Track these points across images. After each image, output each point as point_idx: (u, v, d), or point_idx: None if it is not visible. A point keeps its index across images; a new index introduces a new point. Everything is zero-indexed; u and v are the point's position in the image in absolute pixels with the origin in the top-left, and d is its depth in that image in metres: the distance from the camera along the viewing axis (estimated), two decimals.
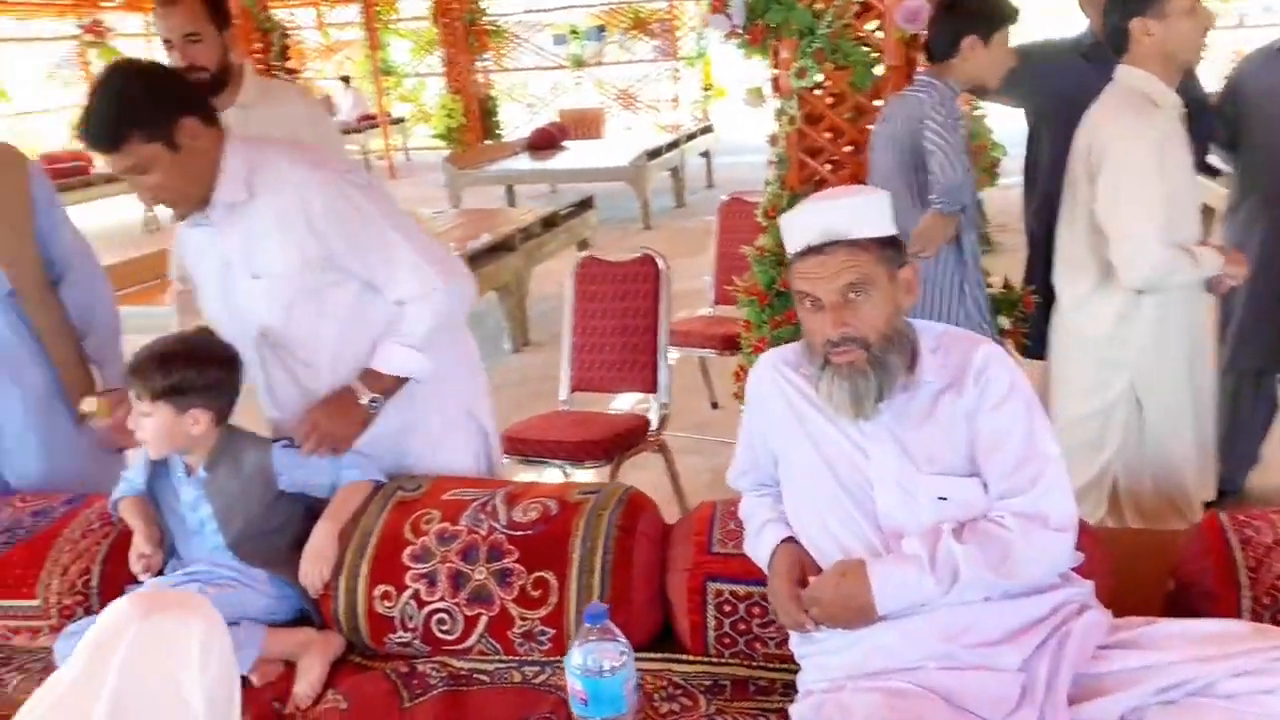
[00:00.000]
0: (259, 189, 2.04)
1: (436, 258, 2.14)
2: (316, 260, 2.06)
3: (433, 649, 1.98)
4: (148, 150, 1.93)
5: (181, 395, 1.99)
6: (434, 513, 2.05)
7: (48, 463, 2.48)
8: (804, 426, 1.72)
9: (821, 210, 1.62)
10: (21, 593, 2.10)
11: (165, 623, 1.24)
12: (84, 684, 1.18)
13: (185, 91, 2.04)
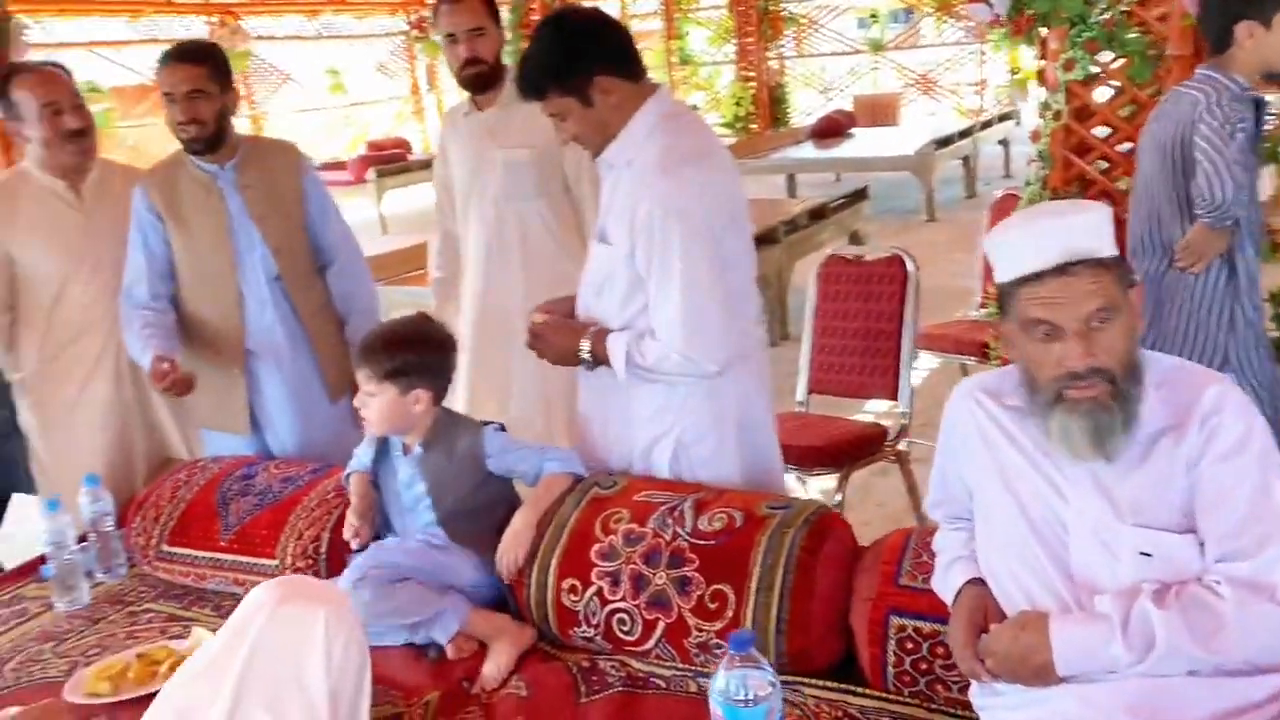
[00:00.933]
0: (637, 163, 2.08)
1: (699, 326, 2.03)
2: (628, 254, 2.09)
3: (614, 647, 2.01)
4: (564, 103, 2.05)
5: (405, 376, 2.13)
6: (624, 512, 2.07)
7: (302, 435, 2.73)
8: (998, 461, 1.58)
9: (1057, 227, 1.44)
10: (265, 552, 2.34)
11: (294, 611, 1.33)
12: (220, 661, 1.29)
13: (604, 48, 2.07)
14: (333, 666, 1.31)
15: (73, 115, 2.71)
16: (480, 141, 2.94)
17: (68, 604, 2.37)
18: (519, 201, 2.91)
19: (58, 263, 2.74)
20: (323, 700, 1.28)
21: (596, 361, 2.16)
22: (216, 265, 2.67)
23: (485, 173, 2.93)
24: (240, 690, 1.25)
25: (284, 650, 1.29)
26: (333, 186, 11.27)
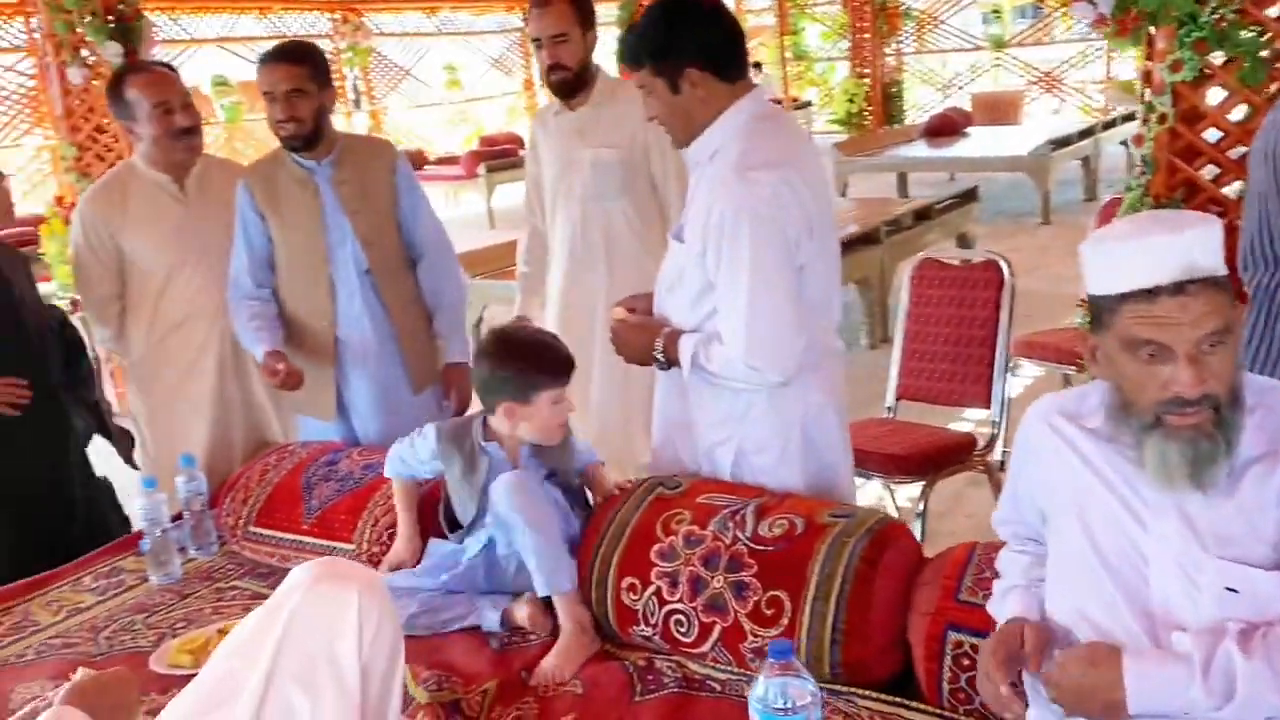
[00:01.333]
0: (716, 163, 2.07)
1: (765, 335, 2.00)
2: (700, 254, 2.07)
3: (672, 648, 2.01)
4: (653, 82, 2.07)
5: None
6: (686, 513, 2.08)
7: (385, 424, 2.82)
8: (1074, 486, 1.48)
9: (1175, 243, 1.32)
10: (343, 536, 2.42)
11: (328, 589, 1.37)
12: (257, 636, 1.35)
13: (702, 43, 2.04)
14: (364, 644, 1.35)
15: (183, 114, 2.85)
16: (569, 140, 2.99)
17: (161, 578, 2.50)
18: (604, 200, 2.95)
19: (164, 254, 2.89)
20: (354, 677, 1.33)
21: (669, 362, 2.17)
22: (310, 258, 2.77)
23: (573, 172, 2.98)
24: (275, 664, 1.31)
25: (317, 627, 1.34)
26: (445, 181, 11.59)
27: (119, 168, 3.07)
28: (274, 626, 1.33)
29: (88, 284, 2.93)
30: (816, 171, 2.14)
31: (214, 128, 11.69)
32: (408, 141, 13.84)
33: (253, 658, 1.32)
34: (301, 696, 1.30)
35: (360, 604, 1.36)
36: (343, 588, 1.37)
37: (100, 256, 2.89)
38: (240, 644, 1.36)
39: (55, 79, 5.24)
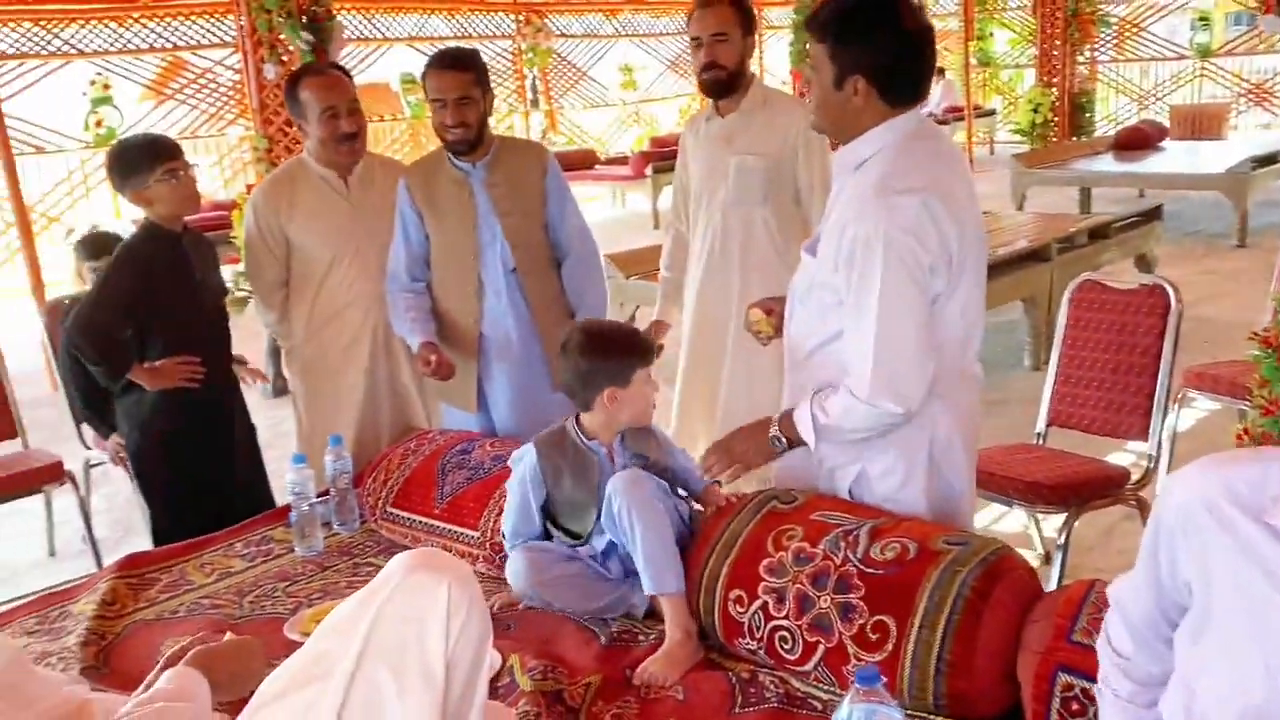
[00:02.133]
0: (858, 178, 2.04)
1: (890, 362, 1.94)
2: (833, 270, 2.03)
3: (776, 663, 2.00)
4: (822, 61, 2.01)
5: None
6: (798, 530, 2.06)
7: (521, 417, 2.91)
8: (1249, 609, 1.15)
9: None
10: (469, 523, 2.51)
11: (420, 579, 1.41)
12: (353, 618, 1.40)
13: (876, 60, 1.97)
14: (451, 635, 1.38)
15: (348, 120, 3.00)
16: (716, 146, 3.01)
17: (304, 550, 2.65)
18: (745, 207, 2.97)
19: (326, 246, 3.06)
20: (439, 666, 1.37)
21: (789, 443, 2.13)
22: (461, 256, 2.89)
23: (717, 177, 3.00)
24: (366, 647, 1.36)
25: (408, 615, 1.38)
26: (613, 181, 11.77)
27: (290, 162, 3.27)
28: (368, 611, 1.39)
29: (257, 270, 3.15)
30: (965, 198, 2.04)
31: (400, 123, 12.27)
32: (580, 141, 14.14)
33: (347, 639, 1.38)
34: (389, 679, 1.36)
35: (450, 595, 1.40)
36: (435, 579, 1.41)
37: (269, 244, 3.09)
38: (337, 625, 1.42)
39: (253, 74, 5.62)
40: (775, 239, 2.97)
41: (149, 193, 2.82)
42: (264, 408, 5.27)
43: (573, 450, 2.26)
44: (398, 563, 1.46)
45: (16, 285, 9.10)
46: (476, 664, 1.43)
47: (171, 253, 2.88)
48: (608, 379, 2.21)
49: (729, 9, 2.88)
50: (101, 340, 2.82)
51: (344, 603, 1.47)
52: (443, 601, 1.38)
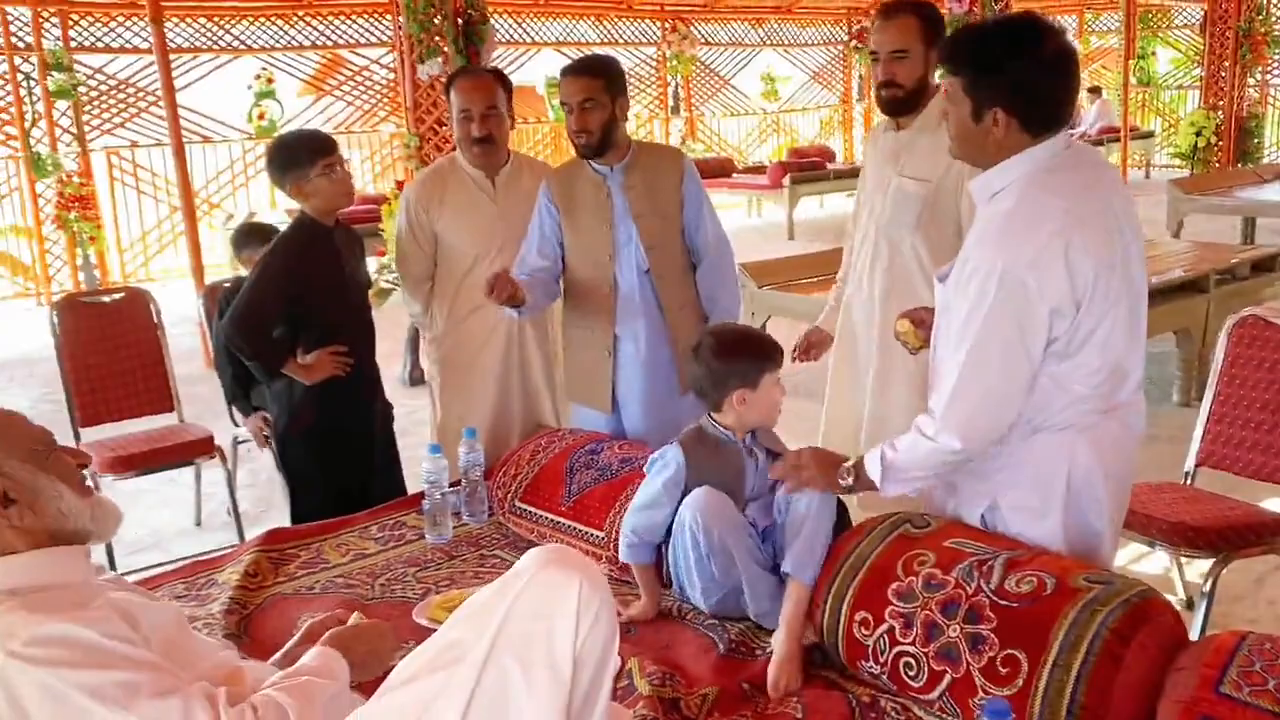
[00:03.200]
0: (992, 210, 1.96)
1: (964, 404, 1.92)
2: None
3: (899, 689, 1.96)
4: (959, 95, 1.95)
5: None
6: (929, 555, 2.01)
7: (650, 420, 2.94)
8: None
9: None
10: (595, 523, 2.54)
11: (553, 575, 1.43)
12: (487, 608, 1.43)
13: (1026, 91, 1.90)
14: (580, 633, 1.40)
15: (479, 124, 3.06)
16: (884, 162, 2.86)
17: (435, 537, 2.73)
18: (897, 230, 2.81)
19: (472, 243, 3.15)
20: (566, 664, 1.39)
21: (859, 484, 2.12)
22: (597, 256, 2.93)
23: (879, 194, 2.86)
24: (498, 638, 1.39)
25: (539, 610, 1.41)
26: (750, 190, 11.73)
27: (443, 160, 3.37)
28: (502, 603, 1.42)
29: (405, 263, 3.25)
30: (1112, 230, 1.94)
31: (543, 125, 12.51)
32: (719, 149, 14.15)
33: (479, 628, 1.41)
34: (518, 672, 1.38)
35: (582, 594, 1.42)
36: (567, 576, 1.43)
37: (418, 239, 3.19)
38: (470, 615, 1.45)
39: (407, 74, 5.81)
40: (925, 268, 2.74)
41: (307, 187, 2.94)
42: (400, 396, 5.44)
43: (714, 443, 2.30)
44: (532, 557, 1.49)
45: (179, 266, 9.65)
46: (603, 663, 1.45)
47: (323, 246, 3.00)
48: (738, 381, 2.25)
49: (913, 22, 2.67)
50: (256, 337, 2.95)
51: (478, 593, 1.51)
52: (574, 599, 1.41)
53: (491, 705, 1.38)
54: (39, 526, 1.45)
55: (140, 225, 10.14)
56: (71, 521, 1.49)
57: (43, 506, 1.46)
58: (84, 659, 1.32)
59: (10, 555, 1.43)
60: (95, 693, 1.30)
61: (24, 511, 1.44)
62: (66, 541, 1.50)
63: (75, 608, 1.38)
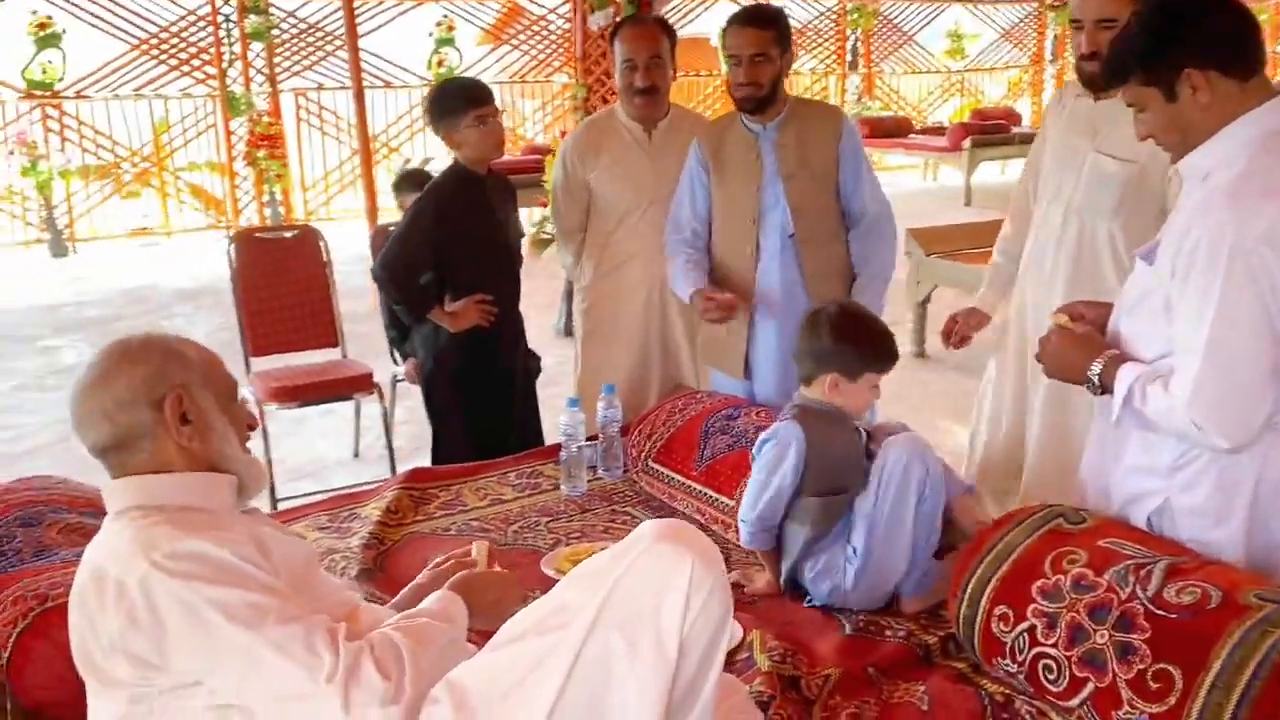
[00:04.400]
0: (1210, 182, 1.79)
1: (1218, 391, 1.71)
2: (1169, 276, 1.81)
3: (1036, 691, 1.84)
4: (1145, 93, 1.81)
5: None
6: (1082, 554, 1.87)
7: (783, 387, 2.85)
8: None
9: None
10: (725, 490, 2.48)
11: (667, 549, 1.38)
12: (599, 574, 1.40)
13: (1203, 37, 1.75)
14: (689, 614, 1.35)
15: (643, 75, 3.00)
16: (1076, 133, 2.57)
17: (569, 489, 2.73)
18: (1092, 215, 2.53)
19: (623, 196, 3.11)
20: (673, 643, 1.34)
21: (1103, 388, 1.91)
22: (742, 218, 2.84)
23: (1068, 170, 2.57)
24: (605, 606, 1.35)
25: (649, 583, 1.36)
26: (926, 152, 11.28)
27: (602, 111, 3.34)
28: (613, 571, 1.38)
29: (559, 213, 3.25)
30: None
31: (714, 78, 12.34)
32: (897, 107, 13.67)
33: (589, 595, 1.37)
34: (622, 645, 1.34)
35: (694, 574, 1.36)
36: (680, 554, 1.37)
37: (572, 190, 3.18)
38: (582, 578, 1.42)
39: (579, 24, 5.81)
40: (1120, 259, 2.49)
41: (459, 136, 2.96)
42: (553, 345, 5.51)
43: (824, 412, 2.20)
44: (648, 528, 1.44)
45: (356, 207, 10.04)
46: (714, 644, 1.39)
47: (474, 194, 3.02)
48: (840, 366, 2.16)
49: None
50: (404, 281, 3.01)
51: (594, 557, 1.47)
52: (685, 578, 1.35)
53: (593, 675, 1.35)
54: (201, 454, 1.50)
55: (323, 165, 10.58)
56: (227, 465, 1.53)
57: (210, 440, 1.50)
58: (218, 576, 1.36)
59: (166, 473, 1.47)
60: (226, 610, 1.34)
61: (194, 436, 1.48)
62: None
63: (215, 529, 1.42)
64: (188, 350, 1.52)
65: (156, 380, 1.46)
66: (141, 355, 1.48)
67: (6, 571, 1.83)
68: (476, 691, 1.38)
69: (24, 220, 9.43)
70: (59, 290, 8.04)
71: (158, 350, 1.49)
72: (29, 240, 9.38)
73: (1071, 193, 2.56)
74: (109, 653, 1.35)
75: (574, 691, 1.34)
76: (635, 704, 1.34)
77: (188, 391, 1.48)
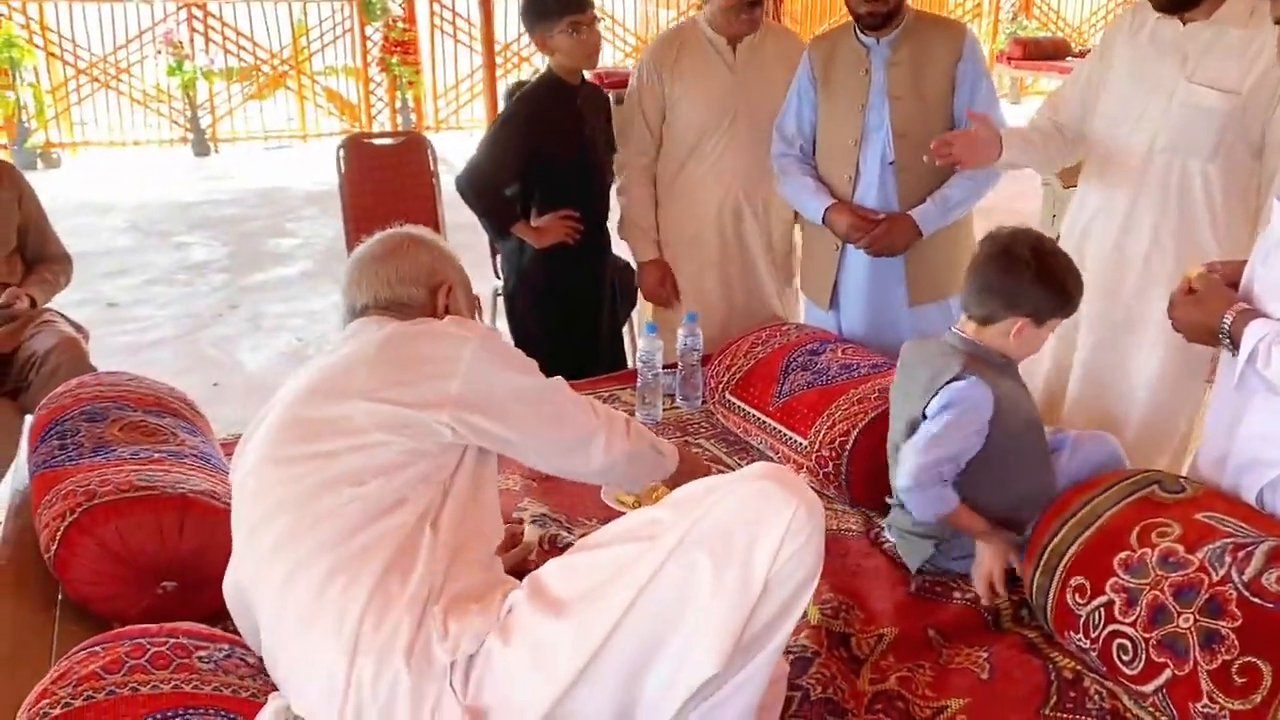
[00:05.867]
0: None
1: None
2: None
3: (1109, 671, 1.69)
4: None
5: None
6: (1174, 527, 1.69)
7: (870, 323, 2.72)
8: None
9: None
10: (800, 429, 2.35)
11: (772, 489, 1.35)
12: (694, 499, 1.37)
13: None
14: (780, 558, 1.31)
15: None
16: (1161, 60, 2.27)
17: (643, 416, 2.65)
18: (1184, 154, 2.24)
19: (702, 112, 2.93)
20: (759, 578, 1.31)
21: (1234, 344, 1.72)
22: (843, 139, 2.65)
23: (1154, 99, 2.27)
24: (697, 525, 1.33)
25: (747, 517, 1.33)
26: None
27: (684, 21, 3.16)
28: (712, 497, 1.36)
29: (625, 133, 3.06)
30: None
31: None
32: (1055, 28, 12.84)
33: (684, 514, 1.35)
34: (708, 567, 1.31)
35: (796, 517, 1.33)
36: (786, 496, 1.34)
37: (644, 104, 2.99)
38: (680, 500, 1.40)
39: None
40: (1214, 204, 2.24)
41: (551, 42, 2.84)
42: None
43: (995, 365, 1.94)
44: (759, 467, 1.44)
45: (478, 118, 10.04)
46: (797, 595, 1.36)
47: (564, 105, 2.90)
48: (1034, 309, 1.90)
49: None
50: (487, 194, 2.92)
51: (696, 482, 1.46)
52: (785, 518, 1.32)
53: (670, 593, 1.32)
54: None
55: (455, 73, 10.59)
56: None
57: (456, 314, 1.68)
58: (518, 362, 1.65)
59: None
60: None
61: (448, 304, 1.68)
62: None
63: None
64: (457, 258, 1.75)
65: (437, 269, 1.68)
66: (427, 246, 1.71)
67: (64, 465, 1.86)
68: (554, 587, 1.38)
69: (170, 120, 9.76)
70: (197, 188, 8.32)
71: (439, 248, 1.72)
72: (174, 139, 9.72)
73: (1157, 129, 2.26)
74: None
75: (647, 604, 1.32)
76: (705, 629, 1.31)
77: (455, 289, 1.69)
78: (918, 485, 1.89)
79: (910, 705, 1.67)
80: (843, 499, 2.26)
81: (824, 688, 1.63)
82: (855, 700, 1.66)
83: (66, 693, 1.33)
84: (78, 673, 1.37)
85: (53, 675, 1.39)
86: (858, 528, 2.17)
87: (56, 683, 1.36)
